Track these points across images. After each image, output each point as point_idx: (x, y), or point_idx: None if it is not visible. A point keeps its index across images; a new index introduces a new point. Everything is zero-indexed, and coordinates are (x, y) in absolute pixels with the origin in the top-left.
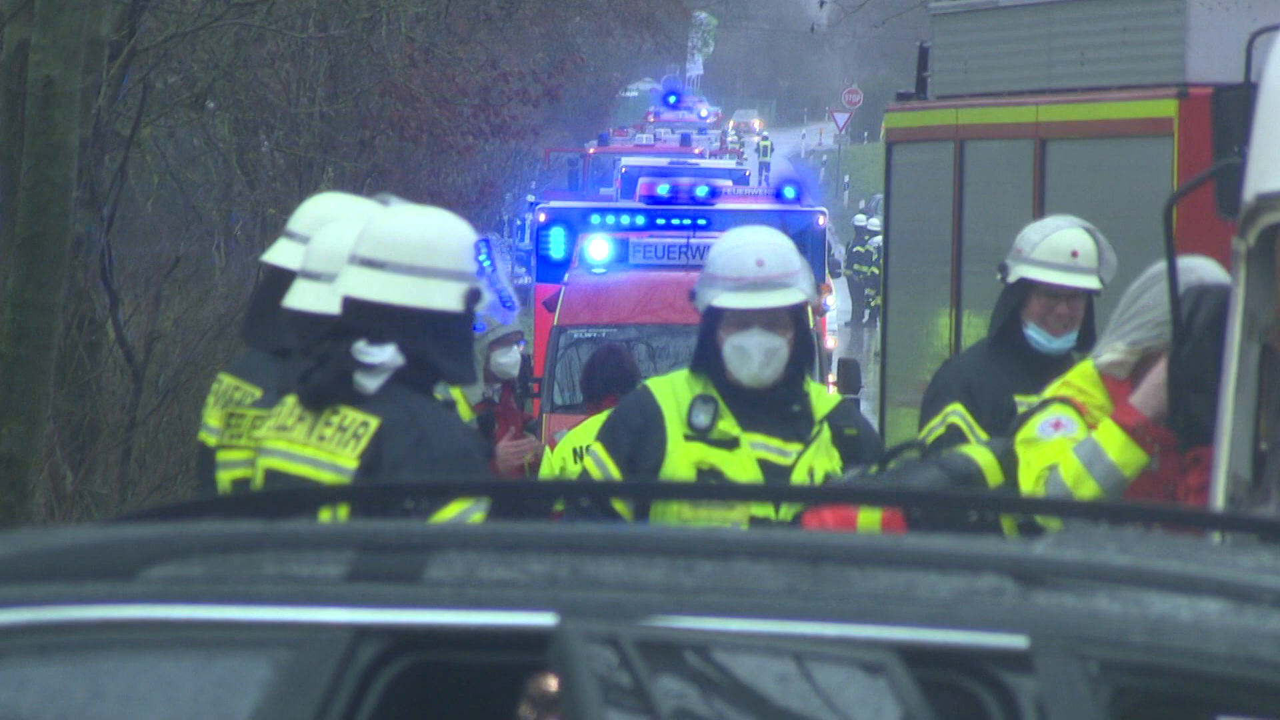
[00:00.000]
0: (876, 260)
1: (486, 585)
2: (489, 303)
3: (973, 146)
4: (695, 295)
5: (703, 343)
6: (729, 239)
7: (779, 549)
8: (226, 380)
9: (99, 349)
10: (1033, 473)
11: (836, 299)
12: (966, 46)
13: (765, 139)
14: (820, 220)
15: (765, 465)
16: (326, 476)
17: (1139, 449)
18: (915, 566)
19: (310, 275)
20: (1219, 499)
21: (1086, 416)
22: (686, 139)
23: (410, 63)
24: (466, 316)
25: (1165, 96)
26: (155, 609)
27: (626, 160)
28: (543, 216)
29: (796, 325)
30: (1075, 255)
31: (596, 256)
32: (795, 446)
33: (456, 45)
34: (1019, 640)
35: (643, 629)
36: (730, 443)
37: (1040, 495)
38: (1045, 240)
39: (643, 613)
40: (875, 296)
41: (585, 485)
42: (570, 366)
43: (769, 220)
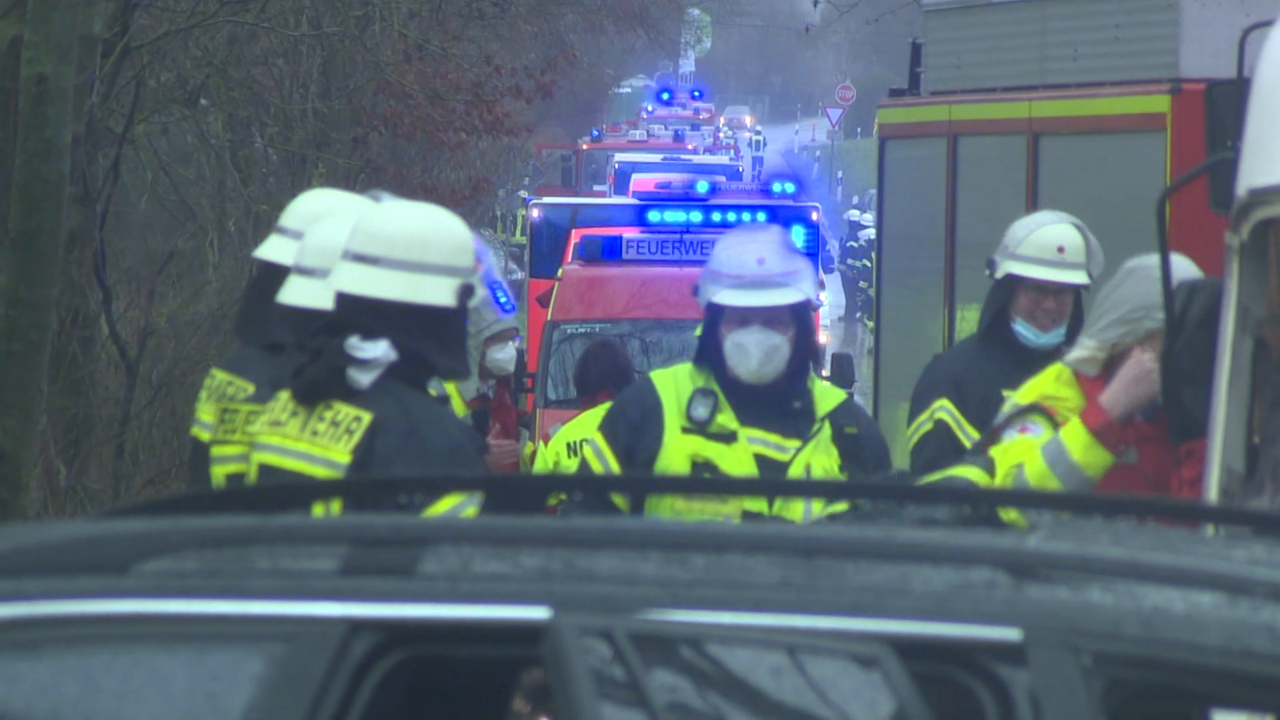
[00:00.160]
0: (865, 251)
1: (480, 579)
2: (483, 298)
3: (966, 142)
4: (698, 291)
5: (705, 338)
6: (733, 236)
7: (773, 542)
8: (219, 375)
9: (93, 344)
10: (1000, 470)
11: (829, 294)
12: (959, 42)
13: (758, 134)
14: (814, 216)
15: (762, 460)
16: (320, 471)
17: (1103, 450)
18: (908, 559)
19: (304, 271)
20: (1212, 492)
21: (1058, 417)
22: (680, 135)
23: (405, 58)
24: (460, 311)
25: (1158, 92)
26: (149, 604)
27: (620, 156)
28: (536, 212)
29: (798, 323)
30: (1062, 250)
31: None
32: (794, 443)
33: (449, 42)
34: (1012, 633)
35: (636, 622)
36: (727, 437)
37: (1034, 490)
38: (1031, 236)
39: (636, 606)
40: (870, 288)
41: (576, 479)
42: (564, 362)
43: (761, 214)
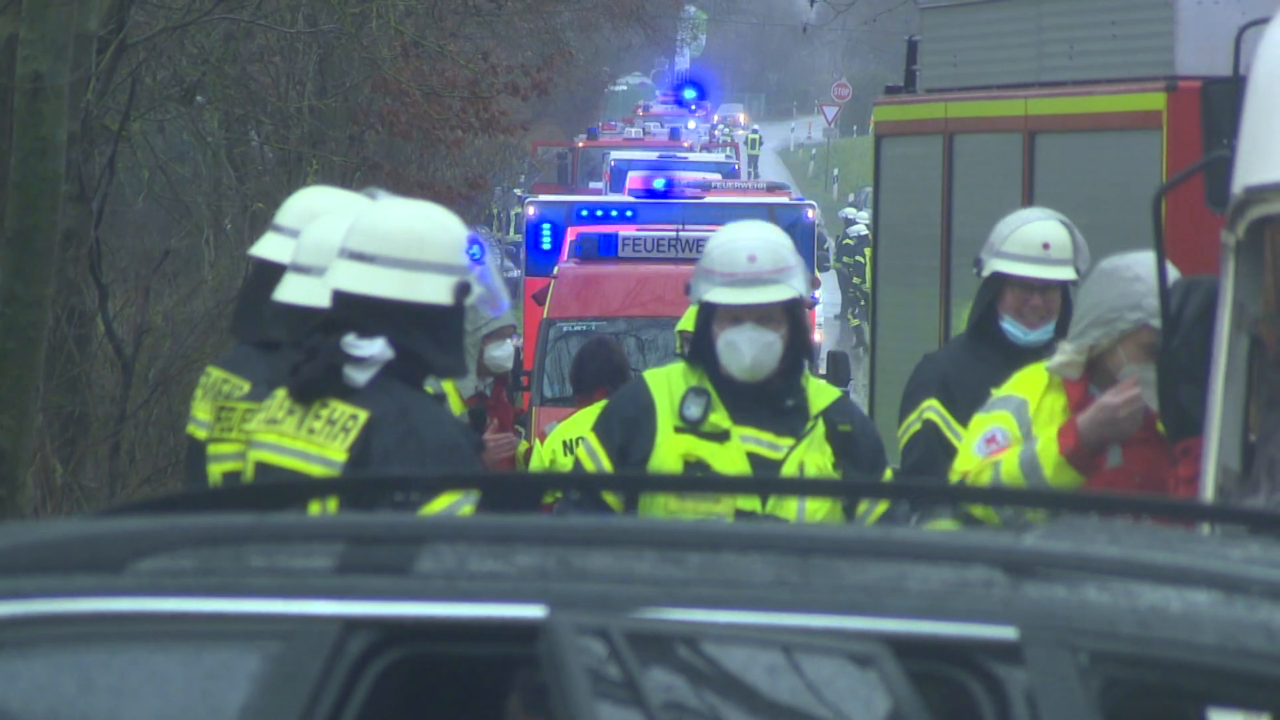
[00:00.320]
0: (855, 248)
1: (476, 577)
2: (479, 296)
3: (962, 140)
4: (690, 289)
5: (698, 336)
6: (724, 234)
7: (769, 541)
8: (215, 373)
9: (89, 342)
10: (975, 463)
11: (824, 292)
12: (955, 40)
13: (755, 133)
14: (810, 214)
15: (755, 459)
16: (316, 469)
17: (1074, 472)
18: (905, 558)
19: (300, 269)
20: (1208, 490)
21: (1032, 413)
22: (675, 133)
23: (401, 53)
24: (456, 309)
25: (1154, 90)
26: (145, 602)
27: (615, 154)
28: (531, 210)
29: (791, 320)
30: (1047, 247)
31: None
32: (787, 441)
33: (446, 39)
34: (1009, 632)
35: (632, 621)
36: (720, 436)
37: (1029, 489)
38: (1016, 233)
39: (633, 605)
40: (863, 284)
41: (573, 478)
42: (560, 359)
43: (758, 214)
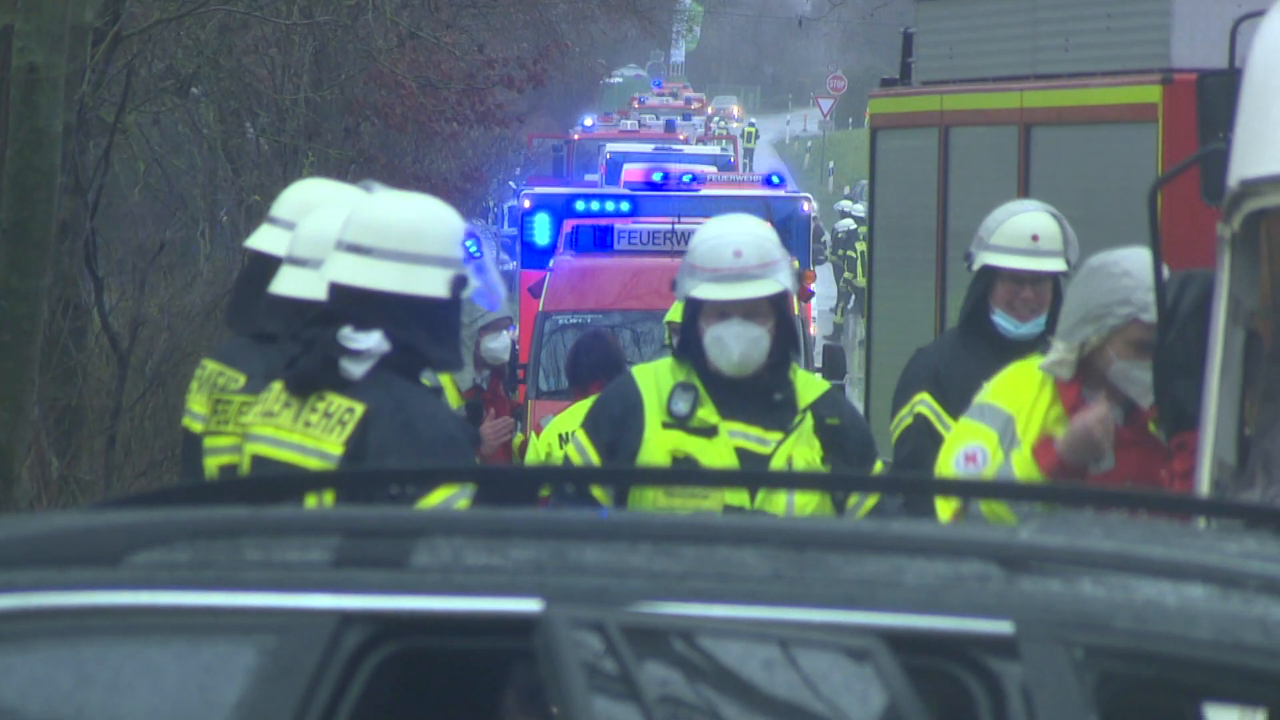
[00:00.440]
0: (845, 242)
1: (472, 571)
2: (476, 289)
3: (957, 132)
4: (676, 285)
5: (685, 332)
6: (708, 229)
7: (764, 534)
8: (210, 366)
9: (84, 335)
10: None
11: (819, 285)
12: (951, 32)
13: (751, 125)
14: (806, 206)
15: (743, 454)
16: (312, 463)
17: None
18: (900, 552)
19: (297, 261)
20: (1204, 484)
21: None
22: (671, 125)
23: (398, 42)
24: (453, 302)
25: (1150, 82)
26: (141, 595)
27: (611, 146)
28: (527, 203)
29: (778, 314)
30: (1036, 239)
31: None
32: (775, 435)
33: (441, 30)
34: (1004, 626)
35: (628, 614)
36: (708, 431)
37: (1023, 482)
38: (1004, 226)
39: (628, 598)
40: (854, 278)
41: (570, 471)
42: (555, 352)
43: (754, 206)
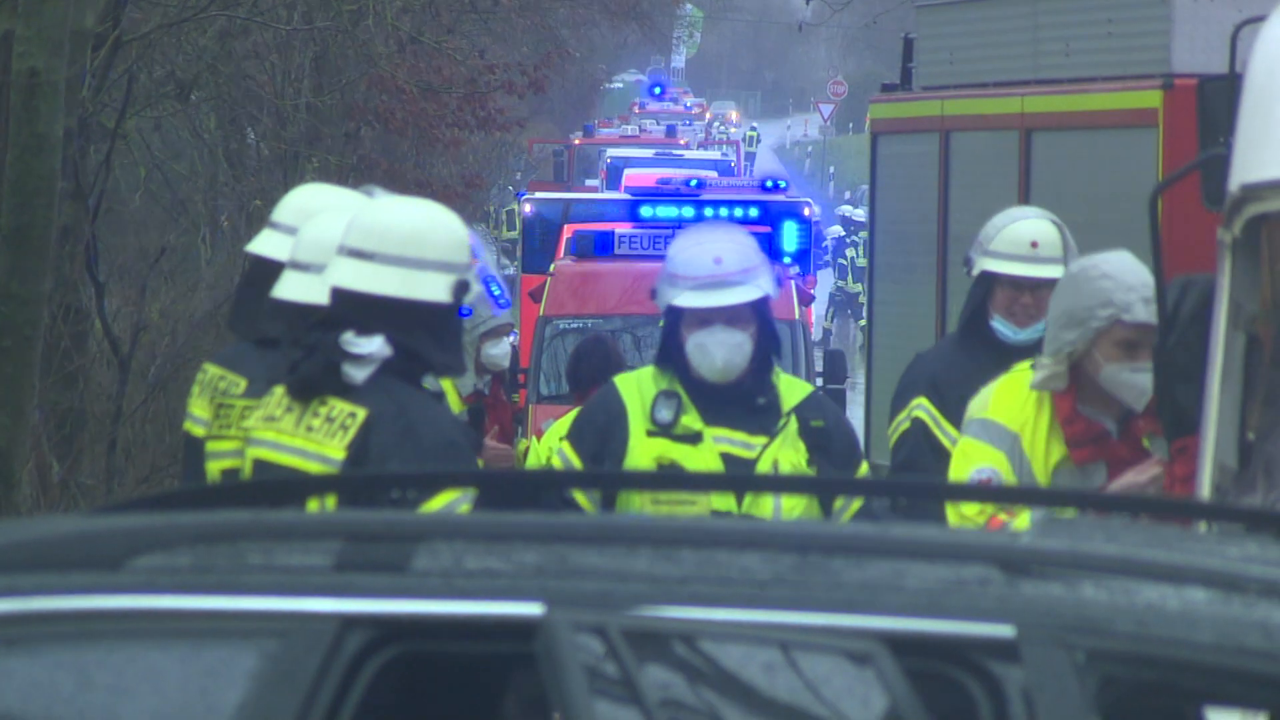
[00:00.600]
0: (835, 249)
1: (473, 575)
2: (478, 294)
3: (958, 138)
4: (656, 294)
5: (666, 340)
6: (686, 238)
7: (766, 538)
8: (212, 370)
9: (85, 340)
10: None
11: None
12: (952, 38)
13: (753, 129)
14: (807, 211)
15: (728, 459)
16: (314, 467)
17: None
18: (902, 556)
19: (299, 266)
20: (1205, 489)
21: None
22: (672, 130)
23: (399, 47)
24: (455, 308)
25: (1150, 88)
26: (142, 599)
27: (612, 152)
28: (528, 208)
29: (759, 319)
30: (1035, 245)
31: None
32: (760, 439)
33: (442, 35)
34: (1006, 630)
35: (630, 618)
36: (693, 438)
37: (1027, 487)
38: (1004, 232)
39: (630, 602)
40: (846, 283)
41: (570, 477)
42: (556, 357)
43: (754, 210)
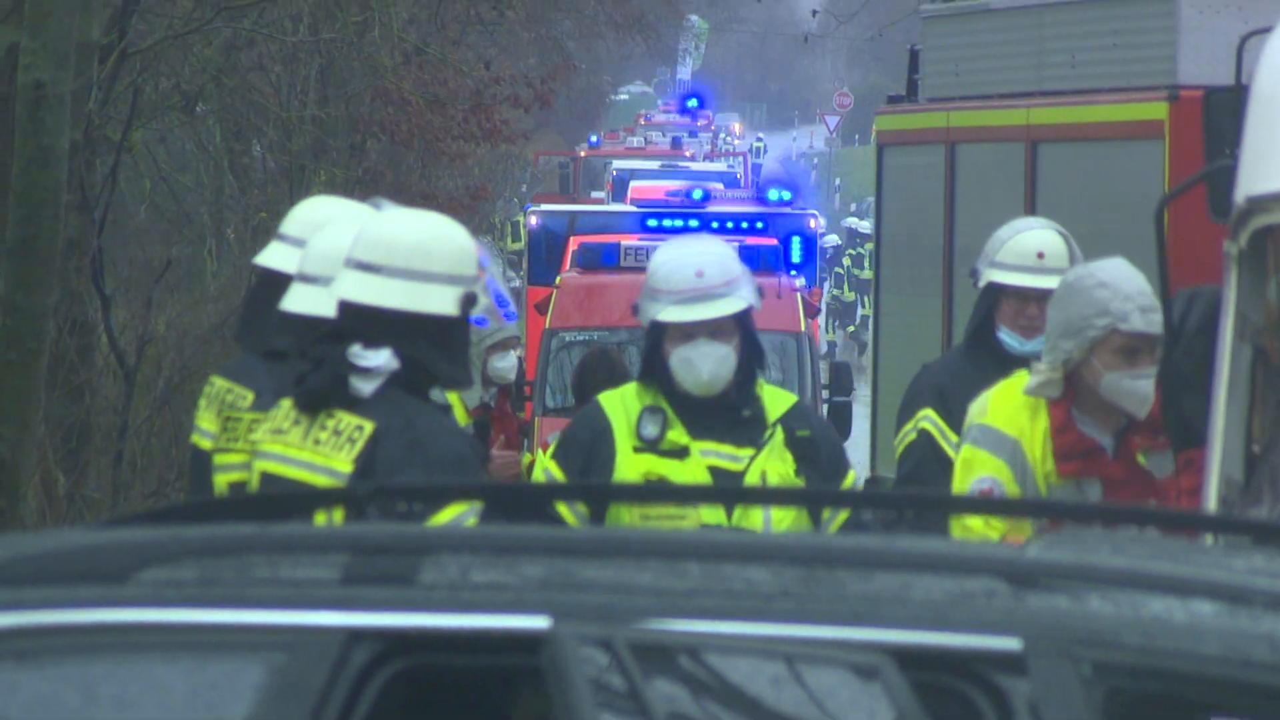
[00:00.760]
0: (831, 258)
1: (480, 588)
2: (485, 307)
3: (964, 149)
4: (637, 310)
5: (649, 355)
6: (667, 252)
7: (772, 551)
8: (219, 383)
9: (91, 352)
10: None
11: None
12: (957, 49)
13: (759, 140)
14: (812, 223)
15: (716, 472)
16: (321, 480)
17: None
18: (908, 569)
19: (307, 278)
20: (1211, 501)
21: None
22: (677, 142)
23: (405, 59)
24: (462, 320)
25: (1156, 99)
26: (148, 612)
27: (618, 163)
28: (533, 220)
29: (742, 330)
30: (1042, 256)
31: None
32: (747, 451)
33: (448, 47)
34: (1012, 642)
35: (636, 631)
36: (679, 452)
37: (1030, 499)
38: (1010, 243)
39: (636, 615)
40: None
41: (575, 489)
42: (562, 369)
43: (760, 223)
